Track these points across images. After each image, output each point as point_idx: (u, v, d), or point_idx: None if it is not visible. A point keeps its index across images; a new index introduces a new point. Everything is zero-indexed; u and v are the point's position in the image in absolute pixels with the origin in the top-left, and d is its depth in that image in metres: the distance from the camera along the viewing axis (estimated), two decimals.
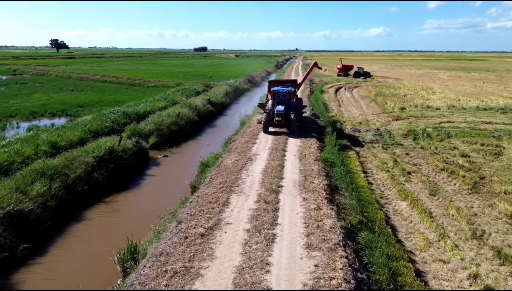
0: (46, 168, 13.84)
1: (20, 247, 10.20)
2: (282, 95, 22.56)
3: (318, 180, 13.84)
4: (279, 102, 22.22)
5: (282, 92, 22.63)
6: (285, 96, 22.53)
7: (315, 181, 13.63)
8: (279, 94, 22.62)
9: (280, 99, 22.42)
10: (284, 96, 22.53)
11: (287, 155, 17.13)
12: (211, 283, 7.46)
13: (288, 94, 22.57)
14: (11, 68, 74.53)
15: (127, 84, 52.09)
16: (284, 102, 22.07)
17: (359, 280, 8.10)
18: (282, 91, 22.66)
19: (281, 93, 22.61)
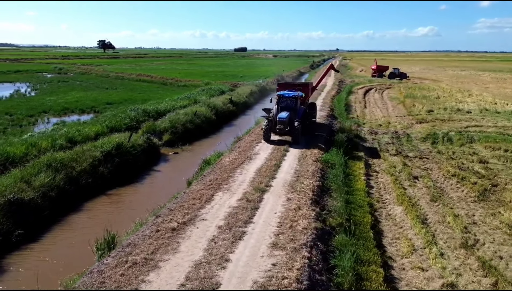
0: (53, 160, 14.79)
1: (15, 232, 11.02)
2: (287, 100, 20.42)
3: (309, 180, 13.74)
4: (283, 108, 20.20)
5: (287, 97, 20.48)
6: (290, 101, 20.37)
7: (305, 182, 13.56)
8: (284, 99, 20.49)
9: (285, 104, 20.33)
10: (290, 102, 20.38)
11: (288, 155, 17.12)
12: (165, 275, 7.73)
13: (294, 99, 20.41)
14: (57, 67, 79.37)
15: (159, 83, 53.89)
16: (290, 108, 20.05)
17: (315, 281, 8.04)
18: (288, 96, 20.50)
19: (286, 98, 20.46)
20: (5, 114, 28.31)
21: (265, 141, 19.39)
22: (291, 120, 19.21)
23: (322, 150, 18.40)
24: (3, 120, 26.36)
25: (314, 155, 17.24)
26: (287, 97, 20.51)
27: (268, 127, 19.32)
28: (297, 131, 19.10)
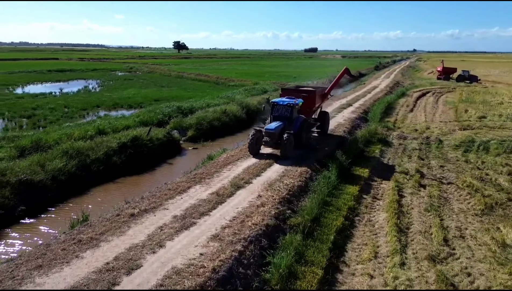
0: (70, 148, 16.63)
1: (18, 208, 12.77)
2: (281, 109, 18.17)
3: (291, 180, 13.79)
4: (276, 117, 18.12)
5: (281, 105, 18.18)
6: (285, 110, 18.08)
7: (287, 181, 13.63)
8: (277, 107, 18.29)
9: (279, 113, 18.16)
10: (284, 110, 18.08)
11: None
12: (99, 254, 8.57)
13: (290, 107, 17.98)
14: (130, 66, 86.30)
15: (212, 82, 56.10)
16: (284, 118, 17.92)
17: (236, 273, 8.31)
18: (282, 104, 18.18)
19: (281, 107, 18.19)
20: (64, 107, 31.92)
21: (252, 154, 17.05)
22: (283, 131, 17.04)
23: (327, 153, 18.13)
24: (60, 112, 29.78)
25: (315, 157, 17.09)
26: (282, 105, 18.22)
27: (254, 140, 16.95)
28: (286, 144, 16.58)
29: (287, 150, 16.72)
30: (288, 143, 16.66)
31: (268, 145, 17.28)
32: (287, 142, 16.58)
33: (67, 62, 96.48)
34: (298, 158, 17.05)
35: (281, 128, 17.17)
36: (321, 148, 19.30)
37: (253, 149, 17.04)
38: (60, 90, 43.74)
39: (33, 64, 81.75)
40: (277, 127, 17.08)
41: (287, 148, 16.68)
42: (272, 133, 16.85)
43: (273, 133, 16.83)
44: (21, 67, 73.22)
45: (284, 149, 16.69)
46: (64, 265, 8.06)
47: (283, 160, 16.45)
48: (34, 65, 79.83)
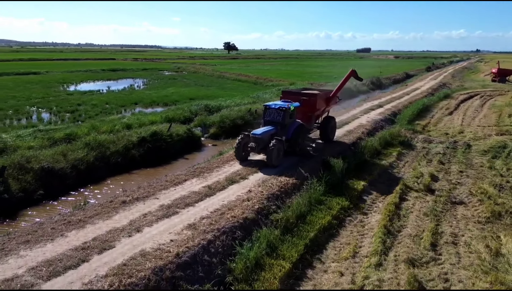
0: (93, 140, 18.07)
1: (37, 192, 14.22)
2: (273, 113, 16.89)
3: (287, 177, 14.00)
4: (268, 122, 16.94)
5: (273, 109, 16.89)
6: (277, 114, 16.76)
7: (282, 178, 13.87)
8: (269, 111, 17.02)
9: (271, 118, 16.91)
10: (276, 115, 16.77)
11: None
12: (81, 234, 9.47)
13: (282, 112, 16.61)
14: (177, 66, 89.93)
15: (251, 82, 56.99)
16: (276, 123, 16.67)
17: (200, 260, 8.80)
18: (273, 108, 16.89)
19: (272, 110, 16.91)
20: (105, 104, 34.28)
21: (238, 160, 16.19)
22: (273, 137, 15.91)
23: (336, 154, 18.02)
24: (100, 108, 32.08)
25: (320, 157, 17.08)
26: (273, 109, 16.89)
27: (241, 144, 16.05)
28: (272, 151, 15.25)
29: (273, 157, 15.29)
30: (274, 150, 15.29)
31: (254, 151, 16.06)
32: (273, 150, 15.22)
33: (122, 62, 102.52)
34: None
35: (271, 134, 16.05)
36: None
37: (239, 154, 16.12)
38: (108, 88, 46.92)
39: (91, 64, 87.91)
40: (264, 132, 15.94)
41: (273, 156, 15.29)
42: (258, 138, 15.64)
43: (260, 139, 15.62)
44: (80, 67, 79.04)
45: (269, 156, 15.35)
46: (48, 241, 9.04)
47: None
48: (92, 64, 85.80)
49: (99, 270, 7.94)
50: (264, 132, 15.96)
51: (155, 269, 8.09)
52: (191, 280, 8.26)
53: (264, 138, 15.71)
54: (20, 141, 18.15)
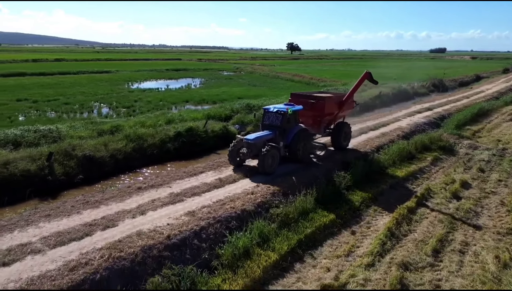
0: (132, 133, 19.76)
1: (77, 177, 16.03)
2: (271, 116, 16.00)
3: (296, 178, 14.23)
4: (266, 126, 16.05)
5: (271, 113, 16.00)
6: (275, 118, 15.84)
7: (290, 180, 14.11)
8: (268, 115, 16.13)
9: (270, 122, 16.00)
10: (274, 118, 15.85)
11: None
12: (94, 213, 10.72)
13: (280, 115, 15.66)
14: (236, 66, 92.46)
15: (303, 83, 56.97)
16: (274, 127, 15.74)
17: (189, 243, 9.59)
18: (272, 111, 16.01)
19: (271, 114, 16.02)
20: (159, 101, 36.74)
21: (232, 165, 15.58)
22: (267, 142, 15.04)
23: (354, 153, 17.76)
24: (153, 105, 34.48)
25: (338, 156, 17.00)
26: (271, 112, 16.03)
27: (235, 149, 15.39)
28: (264, 158, 14.35)
29: (265, 164, 14.37)
30: (267, 157, 14.36)
31: (245, 157, 15.17)
32: (265, 156, 14.30)
33: (186, 62, 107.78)
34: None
35: (267, 139, 15.17)
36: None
37: (233, 159, 15.45)
38: (166, 86, 50.01)
39: (157, 64, 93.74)
40: (258, 137, 15.08)
41: (265, 162, 14.35)
42: (251, 144, 14.79)
43: (252, 145, 14.75)
44: (148, 66, 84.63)
45: (260, 163, 14.40)
46: (65, 217, 10.40)
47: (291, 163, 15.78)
48: (158, 64, 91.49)
49: (98, 243, 9.03)
50: (257, 138, 15.05)
51: (144, 247, 8.98)
52: (177, 261, 9.02)
53: (257, 144, 14.76)
54: (73, 132, 20.42)
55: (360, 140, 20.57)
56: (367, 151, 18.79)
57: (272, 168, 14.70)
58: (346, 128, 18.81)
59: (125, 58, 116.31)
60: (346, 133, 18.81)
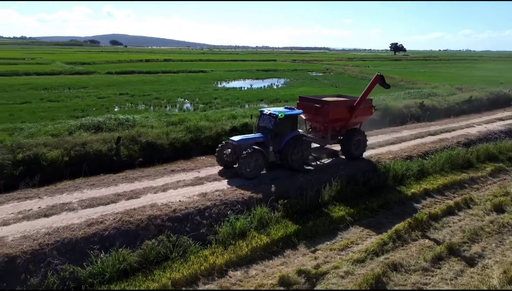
0: (192, 125, 22.01)
1: (138, 159, 18.69)
2: (265, 119, 15.43)
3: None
4: (261, 128, 15.55)
5: (265, 115, 15.44)
6: (268, 121, 15.23)
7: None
8: (263, 117, 15.59)
9: (264, 124, 15.44)
10: (268, 121, 15.24)
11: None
12: (127, 187, 12.83)
13: (273, 118, 15.01)
14: (326, 67, 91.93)
15: (391, 84, 54.44)
16: (268, 130, 15.12)
17: (191, 218, 11.04)
18: (265, 114, 15.43)
19: (265, 117, 15.45)
20: (236, 99, 39.19)
21: (221, 166, 15.30)
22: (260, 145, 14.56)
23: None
24: (229, 102, 36.94)
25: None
26: (265, 115, 15.44)
27: (221, 151, 15.06)
28: (243, 160, 13.77)
29: (242, 167, 13.75)
30: (246, 160, 13.75)
31: (228, 159, 14.79)
32: (244, 159, 13.73)
33: (279, 64, 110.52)
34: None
35: (255, 142, 14.60)
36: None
37: (220, 160, 15.12)
38: (250, 86, 52.64)
39: (251, 65, 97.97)
40: (243, 139, 14.65)
41: (243, 166, 13.75)
42: (235, 146, 14.46)
43: (237, 146, 14.37)
44: (241, 67, 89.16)
45: (239, 165, 13.80)
46: (104, 187, 12.71)
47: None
48: (251, 65, 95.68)
49: (117, 209, 11.00)
50: (243, 140, 14.62)
51: (151, 216, 10.66)
52: (176, 231, 10.50)
53: (241, 146, 14.22)
54: (146, 122, 23.52)
55: (409, 145, 19.69)
56: (402, 157, 17.83)
57: (253, 172, 14.03)
58: (358, 135, 17.18)
59: (223, 59, 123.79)
60: (359, 142, 17.16)
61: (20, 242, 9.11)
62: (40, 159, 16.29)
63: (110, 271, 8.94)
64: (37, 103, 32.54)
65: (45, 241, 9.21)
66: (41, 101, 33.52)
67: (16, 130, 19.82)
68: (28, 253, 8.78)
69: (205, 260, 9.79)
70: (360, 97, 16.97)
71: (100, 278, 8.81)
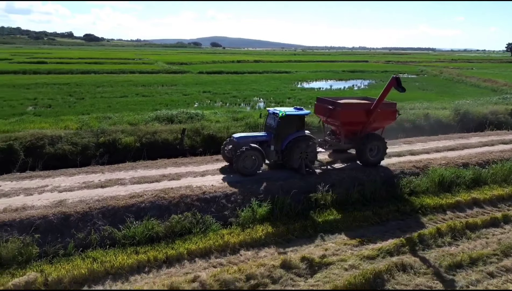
0: (251, 122, 23.30)
1: (198, 149, 20.60)
2: (271, 118, 15.61)
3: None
4: (267, 127, 15.76)
5: (271, 114, 15.62)
6: (272, 120, 15.38)
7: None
8: (270, 116, 15.75)
9: (269, 123, 15.62)
10: (272, 120, 15.42)
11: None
12: (174, 170, 14.56)
13: (276, 117, 14.96)
14: (421, 69, 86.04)
15: (488, 89, 49.51)
16: (272, 129, 15.21)
17: (217, 202, 12.20)
18: (270, 113, 15.64)
19: (271, 116, 15.60)
20: (310, 99, 39.59)
21: (226, 161, 15.66)
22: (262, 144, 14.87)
23: None
24: (301, 102, 37.54)
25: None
26: (271, 114, 15.64)
27: (225, 146, 15.55)
28: (238, 157, 14.11)
29: (238, 164, 14.15)
30: (241, 157, 14.10)
31: (230, 155, 15.01)
32: (239, 157, 14.10)
33: (369, 64, 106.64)
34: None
35: (257, 140, 14.90)
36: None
37: (225, 156, 15.53)
38: (329, 87, 52.41)
39: (338, 66, 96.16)
40: (244, 137, 15.07)
41: (239, 162, 14.15)
42: (234, 142, 14.91)
43: (236, 143, 14.79)
44: (327, 68, 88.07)
45: (235, 161, 14.28)
46: (154, 169, 14.83)
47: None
48: (338, 66, 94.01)
49: (157, 187, 12.78)
50: (243, 137, 15.08)
51: (183, 195, 12.19)
52: (202, 210, 11.83)
53: (241, 144, 14.59)
54: (213, 117, 25.58)
55: (472, 152, 18.53)
56: (457, 164, 16.65)
57: (249, 169, 14.36)
58: (376, 141, 15.99)
59: (312, 60, 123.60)
60: (377, 148, 16.02)
61: (76, 204, 11.33)
62: (116, 143, 19.22)
63: (139, 236, 10.61)
64: (132, 97, 37.11)
65: (95, 205, 11.28)
66: (136, 96, 38.09)
67: (105, 118, 23.36)
68: (80, 213, 10.89)
69: (221, 238, 10.91)
70: (376, 100, 15.98)
71: (131, 240, 10.51)
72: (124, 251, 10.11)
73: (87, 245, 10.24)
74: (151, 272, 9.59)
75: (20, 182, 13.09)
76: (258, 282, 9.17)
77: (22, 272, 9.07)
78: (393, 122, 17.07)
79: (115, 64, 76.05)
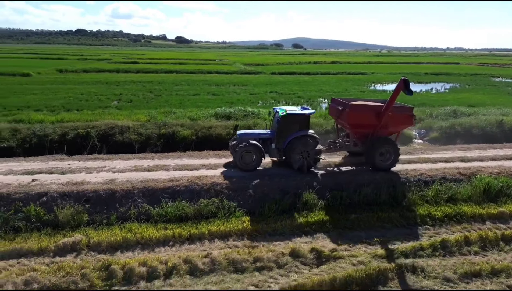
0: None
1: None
2: (275, 117, 15.66)
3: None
4: (273, 125, 15.89)
5: (275, 113, 15.81)
6: (276, 119, 15.41)
7: None
8: (275, 115, 15.78)
9: (275, 121, 15.68)
10: (276, 119, 15.42)
11: None
12: (199, 161, 15.81)
13: (279, 116, 15.04)
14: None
15: None
16: (275, 127, 15.40)
17: (243, 192, 13.06)
18: (275, 111, 15.79)
19: (276, 115, 15.66)
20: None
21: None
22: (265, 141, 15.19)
23: None
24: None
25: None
26: (275, 112, 15.76)
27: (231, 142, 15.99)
28: (236, 154, 14.67)
29: (236, 159, 14.73)
30: (238, 152, 14.63)
31: (232, 151, 15.48)
32: (236, 153, 14.70)
33: (460, 67, 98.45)
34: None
35: (259, 137, 15.25)
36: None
37: (232, 152, 15.75)
38: None
39: (423, 67, 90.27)
40: (247, 134, 15.51)
41: (236, 158, 14.72)
42: (237, 138, 15.43)
43: (238, 139, 15.29)
44: (410, 70, 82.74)
45: (234, 157, 15.05)
46: (198, 159, 16.31)
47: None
48: (422, 68, 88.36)
49: (194, 174, 14.27)
50: (245, 134, 15.54)
51: (213, 183, 13.47)
52: (229, 197, 12.91)
53: (243, 140, 15.03)
54: (268, 115, 26.48)
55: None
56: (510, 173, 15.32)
57: (249, 165, 14.78)
58: (386, 145, 15.27)
59: (394, 62, 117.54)
60: (388, 153, 15.31)
61: (122, 183, 13.14)
62: (175, 135, 21.23)
63: (170, 215, 11.99)
64: (203, 95, 39.65)
65: (138, 186, 12.97)
66: (207, 94, 40.59)
67: (170, 113, 25.71)
68: (124, 191, 12.64)
69: (241, 223, 11.80)
70: (387, 103, 15.21)
71: (163, 218, 11.94)
72: (155, 226, 11.54)
73: (127, 218, 11.89)
74: (174, 246, 10.85)
75: (85, 162, 15.47)
76: (263, 264, 9.86)
77: (72, 234, 10.95)
78: (410, 126, 16.49)
79: (196, 65, 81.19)
